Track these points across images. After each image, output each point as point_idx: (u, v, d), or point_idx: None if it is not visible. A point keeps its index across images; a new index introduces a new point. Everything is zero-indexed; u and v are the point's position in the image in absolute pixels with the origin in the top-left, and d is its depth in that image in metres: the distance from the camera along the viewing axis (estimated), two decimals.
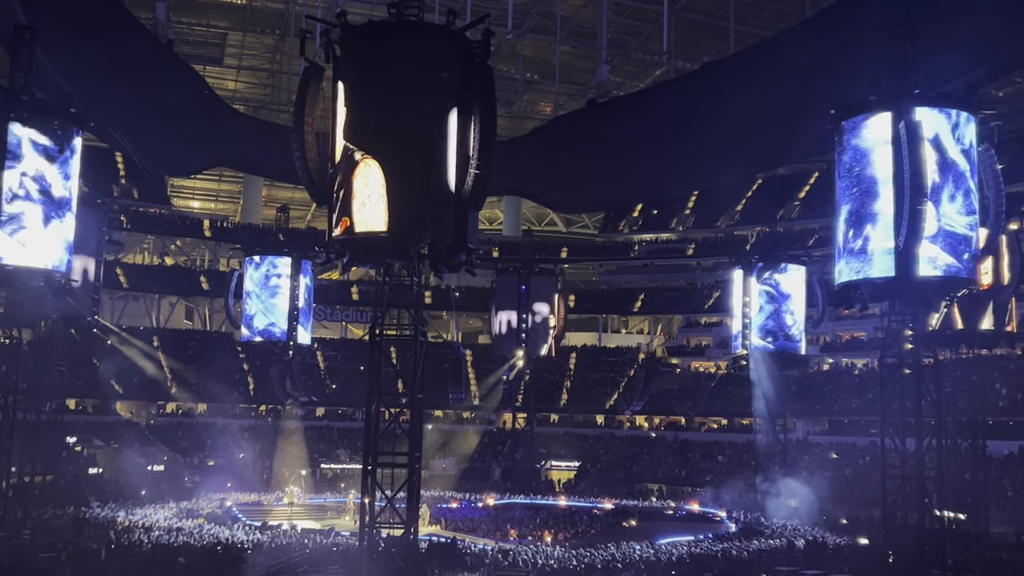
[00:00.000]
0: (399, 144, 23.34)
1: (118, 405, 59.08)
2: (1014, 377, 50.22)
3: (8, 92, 27.47)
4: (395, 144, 23.34)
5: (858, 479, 46.98)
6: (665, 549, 31.91)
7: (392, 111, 23.40)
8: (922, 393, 26.36)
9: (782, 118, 38.28)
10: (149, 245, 72.66)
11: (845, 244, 27.12)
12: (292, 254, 47.65)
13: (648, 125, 43.63)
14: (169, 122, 44.27)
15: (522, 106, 69.16)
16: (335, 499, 46.83)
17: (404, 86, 23.34)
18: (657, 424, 65.84)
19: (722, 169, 49.69)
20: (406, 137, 23.40)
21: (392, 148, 23.31)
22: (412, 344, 24.54)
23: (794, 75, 37.75)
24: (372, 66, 23.58)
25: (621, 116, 45.38)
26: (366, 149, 23.21)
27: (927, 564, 25.87)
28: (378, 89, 23.46)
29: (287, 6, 55.92)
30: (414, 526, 24.25)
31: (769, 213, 69.96)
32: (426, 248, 24.14)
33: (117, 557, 26.72)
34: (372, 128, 23.54)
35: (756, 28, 54.22)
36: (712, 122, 41.03)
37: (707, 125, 41.22)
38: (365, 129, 23.54)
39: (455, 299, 68.56)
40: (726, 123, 40.63)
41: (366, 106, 23.62)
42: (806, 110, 32.28)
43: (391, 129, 23.40)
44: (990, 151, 28.48)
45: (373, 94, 23.54)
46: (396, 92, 23.31)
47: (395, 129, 23.38)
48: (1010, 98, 56.28)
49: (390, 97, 23.35)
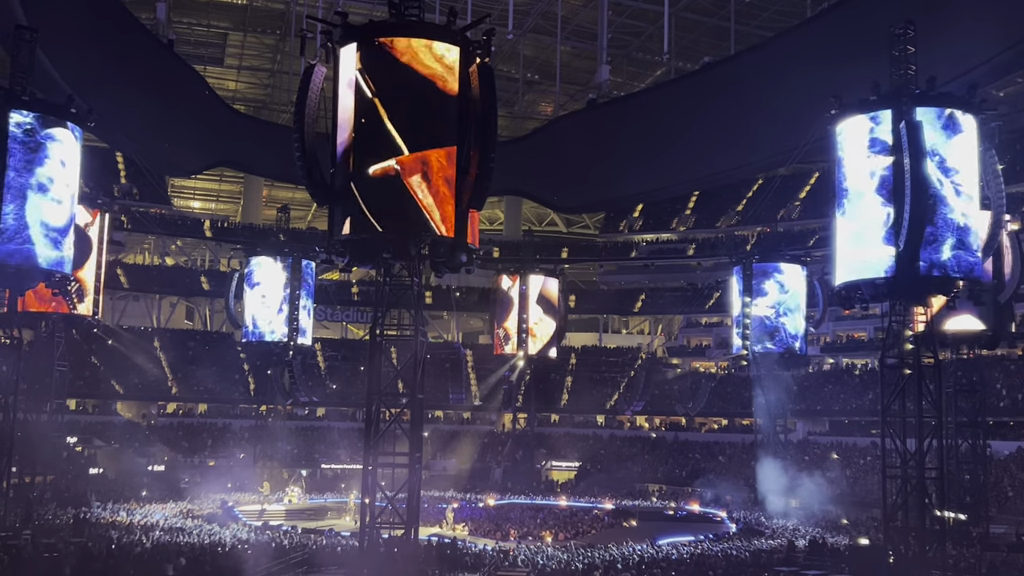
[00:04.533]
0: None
1: (118, 405, 59.10)
2: (1014, 377, 50.21)
3: (8, 92, 27.46)
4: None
5: (858, 479, 46.99)
6: (665, 549, 31.91)
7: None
8: (922, 393, 26.35)
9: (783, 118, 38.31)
10: (149, 245, 72.67)
11: (845, 244, 27.12)
12: (292, 254, 47.64)
13: (649, 125, 43.71)
14: (170, 122, 44.35)
15: (522, 106, 69.21)
16: (335, 499, 46.84)
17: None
18: (657, 424, 65.83)
19: (723, 169, 49.77)
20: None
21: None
22: (412, 344, 24.55)
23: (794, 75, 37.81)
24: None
25: (621, 116, 45.46)
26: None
27: (927, 564, 25.87)
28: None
29: (287, 6, 55.97)
30: (414, 526, 24.28)
31: (769, 213, 69.93)
32: (426, 248, 24.15)
33: (117, 557, 26.70)
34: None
35: (756, 28, 54.25)
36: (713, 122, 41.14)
37: (708, 125, 41.34)
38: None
39: (455, 299, 68.56)
40: (727, 123, 40.72)
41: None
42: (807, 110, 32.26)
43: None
44: (990, 151, 28.47)
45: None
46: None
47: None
48: (1010, 98, 56.32)
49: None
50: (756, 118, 39.79)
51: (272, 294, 47.43)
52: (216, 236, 68.82)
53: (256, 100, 72.83)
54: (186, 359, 61.74)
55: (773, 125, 39.46)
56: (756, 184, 72.68)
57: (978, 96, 26.41)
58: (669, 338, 78.03)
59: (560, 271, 59.89)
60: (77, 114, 29.03)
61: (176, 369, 60.98)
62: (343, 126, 23.93)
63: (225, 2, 57.65)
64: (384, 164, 23.44)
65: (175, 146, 47.63)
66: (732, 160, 46.19)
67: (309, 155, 24.18)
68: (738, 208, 73.63)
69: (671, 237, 75.68)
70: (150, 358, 60.08)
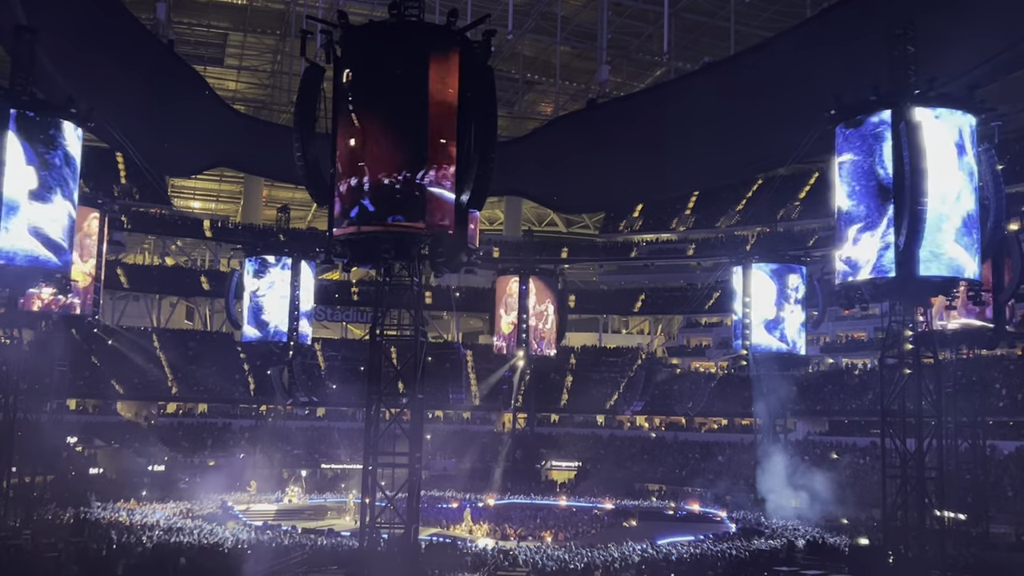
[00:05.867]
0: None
1: (118, 405, 59.09)
2: (1014, 377, 50.22)
3: (8, 92, 27.46)
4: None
5: (858, 479, 46.99)
6: (665, 549, 31.91)
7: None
8: (922, 393, 26.35)
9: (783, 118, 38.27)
10: (149, 245, 72.67)
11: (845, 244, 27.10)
12: (292, 254, 47.62)
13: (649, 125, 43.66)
14: (170, 122, 44.29)
15: (522, 106, 69.20)
16: (335, 499, 46.84)
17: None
18: (657, 424, 65.83)
19: (723, 169, 49.74)
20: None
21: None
22: (412, 344, 24.55)
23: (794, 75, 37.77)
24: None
25: (621, 116, 45.43)
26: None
27: (927, 564, 25.86)
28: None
29: (287, 6, 55.96)
30: (414, 526, 24.28)
31: (769, 213, 69.97)
32: (426, 248, 24.16)
33: (118, 557, 26.70)
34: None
35: (756, 28, 54.24)
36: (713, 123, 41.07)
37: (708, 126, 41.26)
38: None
39: (455, 299, 68.56)
40: (727, 124, 40.65)
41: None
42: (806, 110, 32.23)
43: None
44: (990, 151, 28.46)
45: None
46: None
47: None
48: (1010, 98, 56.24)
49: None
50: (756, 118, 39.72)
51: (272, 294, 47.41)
52: (216, 236, 68.81)
53: (256, 100, 72.79)
54: (186, 359, 61.74)
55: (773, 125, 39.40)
56: (756, 184, 72.70)
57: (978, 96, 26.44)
58: (669, 338, 78.04)
59: (560, 271, 59.92)
60: (77, 114, 29.01)
61: (176, 369, 60.98)
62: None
63: (225, 2, 57.62)
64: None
65: (175, 146, 47.49)
66: (732, 160, 46.10)
67: (309, 155, 24.19)
68: (738, 208, 73.65)
69: (671, 237, 75.71)
70: (150, 358, 60.10)
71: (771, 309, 43.44)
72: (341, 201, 24.12)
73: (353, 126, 23.74)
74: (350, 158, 23.86)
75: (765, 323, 43.35)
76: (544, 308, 55.99)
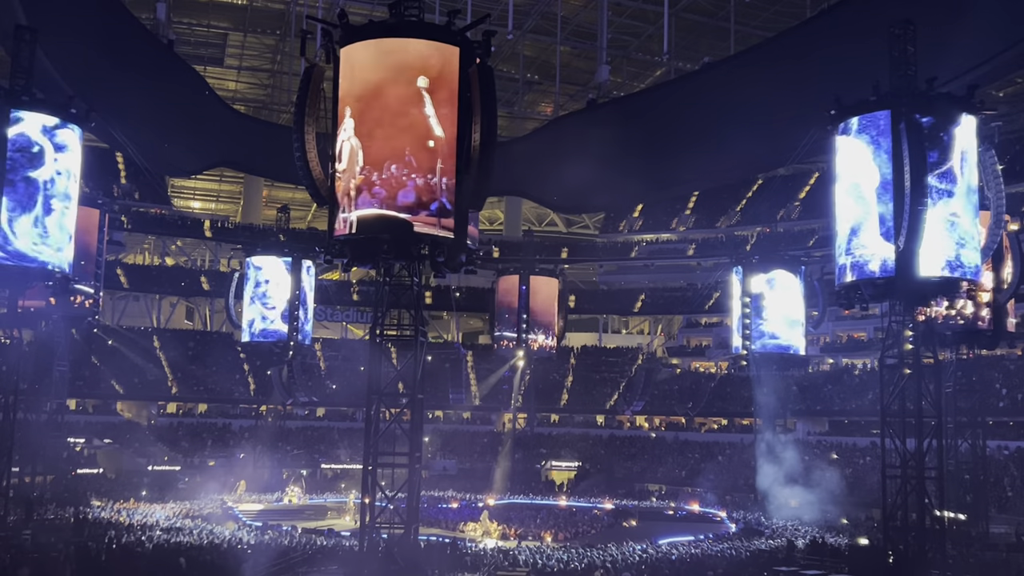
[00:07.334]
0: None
1: (118, 405, 59.11)
2: (1014, 377, 50.24)
3: (8, 92, 27.46)
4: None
5: (858, 479, 46.99)
6: (665, 549, 31.91)
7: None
8: (922, 393, 26.35)
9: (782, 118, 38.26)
10: (149, 245, 72.70)
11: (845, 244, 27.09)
12: (292, 254, 47.63)
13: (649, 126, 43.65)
14: (170, 123, 44.30)
15: (522, 106, 69.15)
16: (335, 499, 46.83)
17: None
18: (657, 424, 65.84)
19: (722, 170, 49.70)
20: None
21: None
22: (412, 344, 24.55)
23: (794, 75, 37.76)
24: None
25: (621, 116, 45.41)
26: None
27: (927, 564, 25.86)
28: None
29: (287, 6, 55.93)
30: (414, 526, 24.27)
31: (769, 213, 70.01)
32: (426, 248, 24.15)
33: (117, 557, 26.70)
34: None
35: (756, 28, 54.24)
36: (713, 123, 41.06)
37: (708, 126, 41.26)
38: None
39: (455, 299, 68.57)
40: (726, 124, 40.62)
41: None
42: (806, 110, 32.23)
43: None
44: (990, 151, 28.45)
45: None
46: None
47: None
48: (1010, 98, 56.31)
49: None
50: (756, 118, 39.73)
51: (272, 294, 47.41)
52: (216, 236, 68.81)
53: (256, 100, 72.79)
54: (186, 359, 61.75)
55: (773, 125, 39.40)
56: (756, 184, 72.74)
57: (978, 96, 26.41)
58: (669, 338, 78.06)
59: (560, 271, 59.91)
60: (77, 114, 29.01)
61: (176, 369, 60.99)
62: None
63: (225, 2, 57.59)
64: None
65: (175, 146, 47.50)
66: (732, 160, 46.11)
67: (309, 155, 24.18)
68: (738, 208, 73.68)
69: (671, 237, 75.72)
70: (150, 358, 60.13)
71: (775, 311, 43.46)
72: (341, 201, 24.11)
73: (353, 126, 23.75)
74: (350, 158, 23.86)
75: (764, 324, 43.36)
76: (544, 308, 55.92)
